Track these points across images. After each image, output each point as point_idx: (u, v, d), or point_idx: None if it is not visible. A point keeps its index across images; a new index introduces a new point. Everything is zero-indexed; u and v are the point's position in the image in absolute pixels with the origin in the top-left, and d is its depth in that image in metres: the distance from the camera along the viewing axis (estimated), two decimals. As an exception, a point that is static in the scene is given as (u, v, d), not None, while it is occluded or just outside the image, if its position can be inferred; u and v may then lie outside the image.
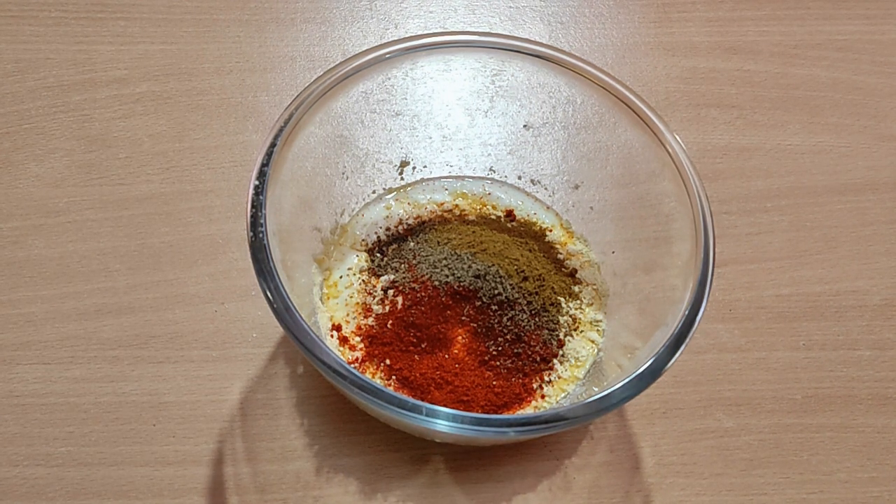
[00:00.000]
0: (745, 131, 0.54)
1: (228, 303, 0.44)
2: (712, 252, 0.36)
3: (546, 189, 0.46)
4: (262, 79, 0.53)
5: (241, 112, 0.52)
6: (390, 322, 0.40)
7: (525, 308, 0.41)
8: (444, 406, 0.34)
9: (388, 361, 0.39)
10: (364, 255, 0.43)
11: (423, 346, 0.40)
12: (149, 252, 0.46)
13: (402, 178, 0.46)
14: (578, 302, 0.43)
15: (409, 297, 0.40)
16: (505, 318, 0.40)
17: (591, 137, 0.43)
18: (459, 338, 0.40)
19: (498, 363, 0.40)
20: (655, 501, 0.40)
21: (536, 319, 0.41)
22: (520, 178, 0.47)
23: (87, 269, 0.45)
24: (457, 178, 0.47)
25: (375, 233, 0.44)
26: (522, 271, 0.42)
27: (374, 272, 0.43)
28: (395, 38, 0.41)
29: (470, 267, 0.40)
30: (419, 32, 0.49)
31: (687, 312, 0.34)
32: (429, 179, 0.47)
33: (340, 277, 0.42)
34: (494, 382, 0.39)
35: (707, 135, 0.53)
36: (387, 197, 0.46)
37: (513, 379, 0.40)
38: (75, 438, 0.40)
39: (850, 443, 0.43)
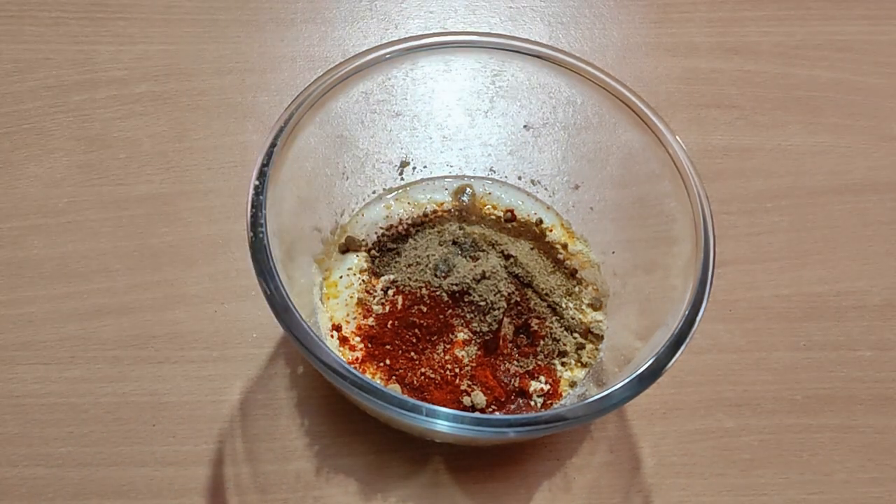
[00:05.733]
0: (745, 132, 0.54)
1: (228, 303, 0.44)
2: (712, 252, 0.36)
3: (546, 189, 0.46)
4: (261, 79, 0.53)
5: (240, 112, 0.52)
6: (390, 322, 0.40)
7: (525, 308, 0.41)
8: (444, 406, 0.34)
9: (388, 361, 0.39)
10: (364, 255, 0.43)
11: (422, 346, 0.40)
12: (148, 252, 0.46)
13: (402, 178, 0.46)
14: (578, 302, 0.43)
15: (409, 297, 0.40)
16: (505, 319, 0.40)
17: (591, 138, 0.43)
18: (459, 338, 0.40)
19: (498, 363, 0.40)
20: (655, 502, 0.40)
21: (536, 320, 0.41)
22: (520, 178, 0.47)
23: (86, 270, 0.45)
24: (457, 177, 0.47)
25: (375, 233, 0.44)
26: (522, 272, 0.42)
27: (374, 272, 0.43)
28: (396, 39, 0.41)
29: (470, 267, 0.40)
30: (419, 32, 0.49)
31: (687, 312, 0.34)
32: (429, 179, 0.47)
33: (340, 277, 0.42)
34: (494, 383, 0.39)
35: (707, 135, 0.53)
36: (387, 197, 0.46)
37: (513, 379, 0.40)
38: (75, 438, 0.40)
39: (851, 443, 0.43)
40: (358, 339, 0.40)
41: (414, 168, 0.46)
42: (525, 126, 0.45)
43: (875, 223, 0.50)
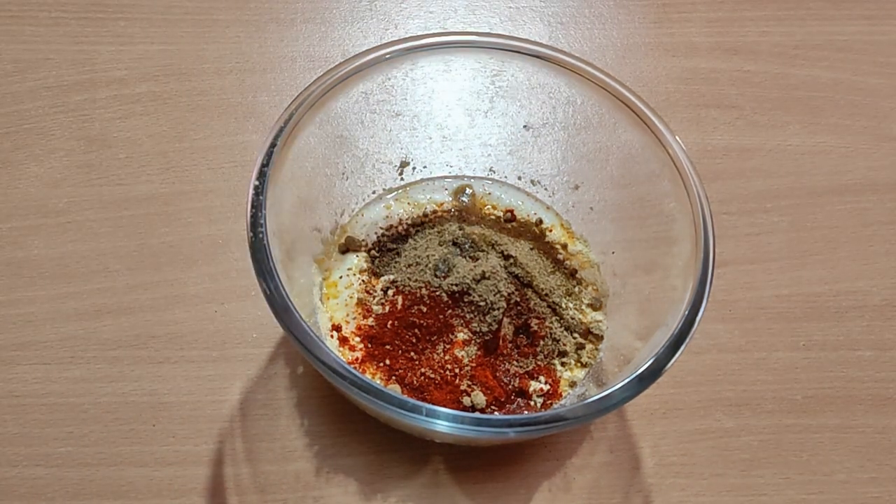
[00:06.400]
0: (745, 132, 0.54)
1: (228, 303, 0.44)
2: (712, 252, 0.36)
3: (546, 189, 0.46)
4: (261, 79, 0.53)
5: (240, 112, 0.52)
6: (390, 322, 0.40)
7: (525, 308, 0.41)
8: (444, 406, 0.34)
9: (387, 361, 0.39)
10: (364, 255, 0.43)
11: (422, 346, 0.40)
12: (148, 252, 0.46)
13: (402, 178, 0.46)
14: (578, 302, 0.43)
15: (409, 297, 0.40)
16: (504, 319, 0.40)
17: (590, 138, 0.43)
18: (459, 338, 0.40)
19: (498, 363, 0.40)
20: (655, 502, 0.40)
21: (536, 320, 0.41)
22: (520, 178, 0.47)
23: (86, 270, 0.45)
24: (457, 177, 0.47)
25: (375, 233, 0.44)
26: (522, 272, 0.42)
27: (374, 272, 0.43)
28: (396, 39, 0.41)
29: (470, 267, 0.40)
30: (419, 32, 0.49)
31: (687, 313, 0.34)
32: (429, 179, 0.47)
33: (340, 277, 0.42)
34: (494, 383, 0.39)
35: (707, 135, 0.53)
36: (387, 197, 0.46)
37: (513, 379, 0.40)
38: (75, 439, 0.40)
39: (850, 443, 0.43)
40: (358, 339, 0.40)
41: (414, 168, 0.46)
42: (525, 126, 0.45)
43: (875, 223, 0.50)
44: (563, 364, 0.41)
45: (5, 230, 0.46)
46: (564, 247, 0.45)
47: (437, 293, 0.40)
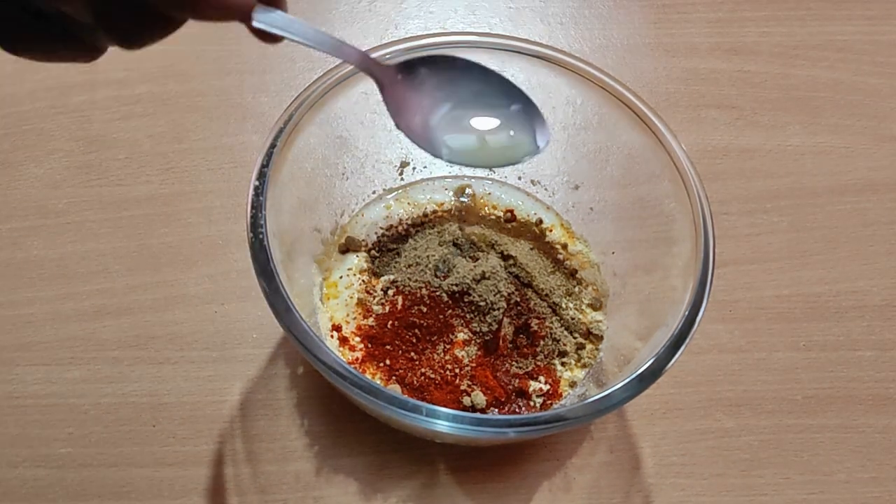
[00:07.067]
0: (745, 132, 0.54)
1: (228, 303, 0.44)
2: (712, 253, 0.36)
3: (546, 189, 0.46)
4: (261, 80, 0.53)
5: (240, 113, 0.52)
6: (390, 322, 0.40)
7: (525, 309, 0.41)
8: (444, 406, 0.34)
9: (388, 361, 0.39)
10: (364, 255, 0.43)
11: (422, 346, 0.40)
12: (148, 253, 0.46)
13: (402, 178, 0.46)
14: (578, 302, 0.43)
15: (409, 297, 0.40)
16: (504, 319, 0.40)
17: (591, 138, 0.43)
18: (459, 338, 0.40)
19: (498, 363, 0.40)
20: (655, 502, 0.40)
21: (536, 320, 0.41)
22: (520, 178, 0.47)
23: (86, 270, 0.45)
24: (457, 177, 0.47)
25: (375, 233, 0.44)
26: (522, 272, 0.42)
27: (374, 272, 0.43)
28: (396, 39, 0.41)
29: (470, 267, 0.40)
30: (419, 32, 0.49)
31: (687, 313, 0.34)
32: (429, 179, 0.47)
33: (340, 278, 0.42)
34: (494, 383, 0.39)
35: (707, 135, 0.53)
36: (387, 197, 0.46)
37: (513, 379, 0.40)
38: (75, 439, 0.40)
39: (851, 443, 0.43)
40: (358, 339, 0.40)
41: (414, 168, 0.46)
42: (525, 126, 0.45)
43: (875, 223, 0.50)
44: (563, 364, 0.41)
45: (5, 231, 0.46)
46: (564, 247, 0.45)
47: (438, 293, 0.40)
